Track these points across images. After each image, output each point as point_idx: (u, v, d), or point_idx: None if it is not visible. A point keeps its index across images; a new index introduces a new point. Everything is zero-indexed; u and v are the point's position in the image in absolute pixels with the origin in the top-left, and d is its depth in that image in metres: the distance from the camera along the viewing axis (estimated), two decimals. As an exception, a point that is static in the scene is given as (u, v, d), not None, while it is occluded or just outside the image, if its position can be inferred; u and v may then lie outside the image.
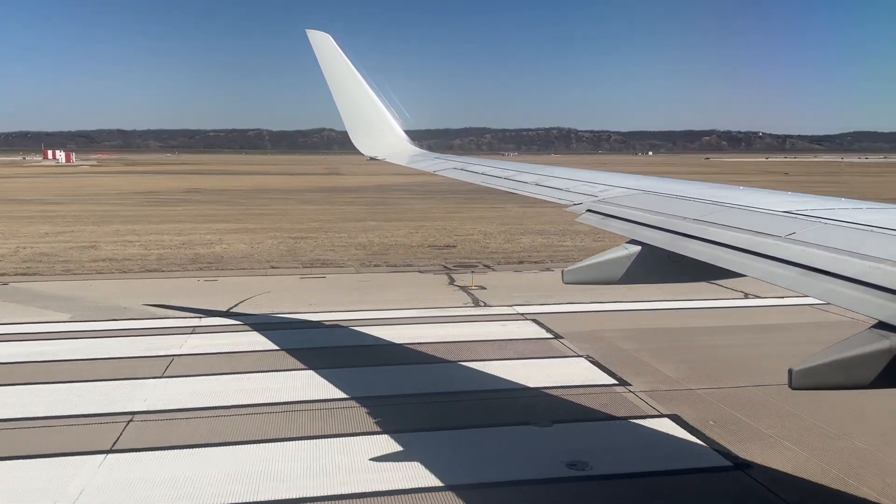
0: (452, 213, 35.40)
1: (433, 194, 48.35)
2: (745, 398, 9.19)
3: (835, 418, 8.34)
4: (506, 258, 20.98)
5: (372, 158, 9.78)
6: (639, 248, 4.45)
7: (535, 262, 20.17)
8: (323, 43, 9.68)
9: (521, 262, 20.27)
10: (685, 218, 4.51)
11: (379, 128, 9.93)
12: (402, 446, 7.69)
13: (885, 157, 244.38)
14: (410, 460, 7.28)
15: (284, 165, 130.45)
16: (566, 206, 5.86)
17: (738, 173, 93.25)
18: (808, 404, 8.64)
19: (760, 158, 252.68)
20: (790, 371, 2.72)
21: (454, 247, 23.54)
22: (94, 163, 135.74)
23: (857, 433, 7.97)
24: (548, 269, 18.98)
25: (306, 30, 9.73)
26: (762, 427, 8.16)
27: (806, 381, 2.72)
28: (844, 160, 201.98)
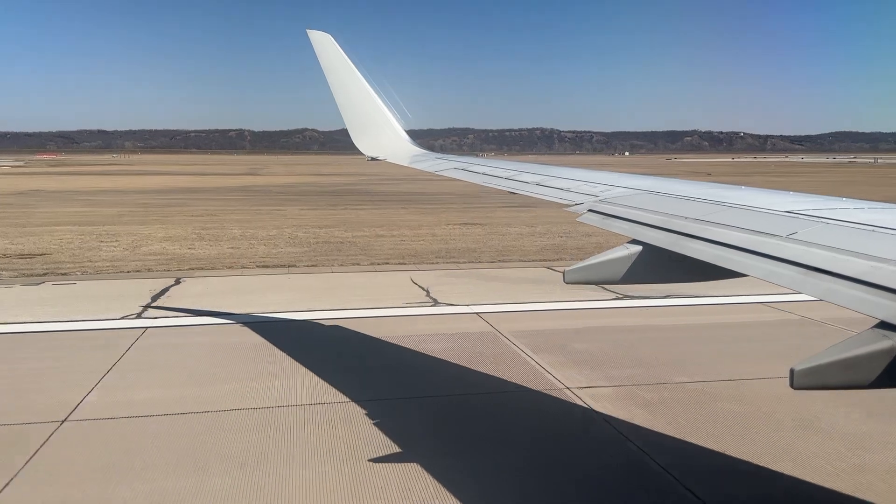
0: (212, 215, 34.33)
1: (270, 196, 47.88)
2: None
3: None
4: (56, 268, 18.60)
5: (373, 159, 9.78)
6: (640, 247, 4.44)
7: (63, 275, 17.74)
8: (324, 43, 9.68)
9: (45, 274, 17.75)
10: (686, 218, 4.50)
11: (380, 128, 9.93)
12: None
13: (854, 157, 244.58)
14: None
15: (213, 166, 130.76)
16: (567, 206, 5.86)
17: (669, 174, 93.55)
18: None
19: (727, 159, 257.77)
20: (791, 370, 2.72)
21: (44, 255, 20.87)
22: (22, 164, 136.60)
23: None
24: (65, 283, 16.59)
25: (307, 30, 9.73)
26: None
27: (807, 380, 2.71)
28: (803, 159, 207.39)
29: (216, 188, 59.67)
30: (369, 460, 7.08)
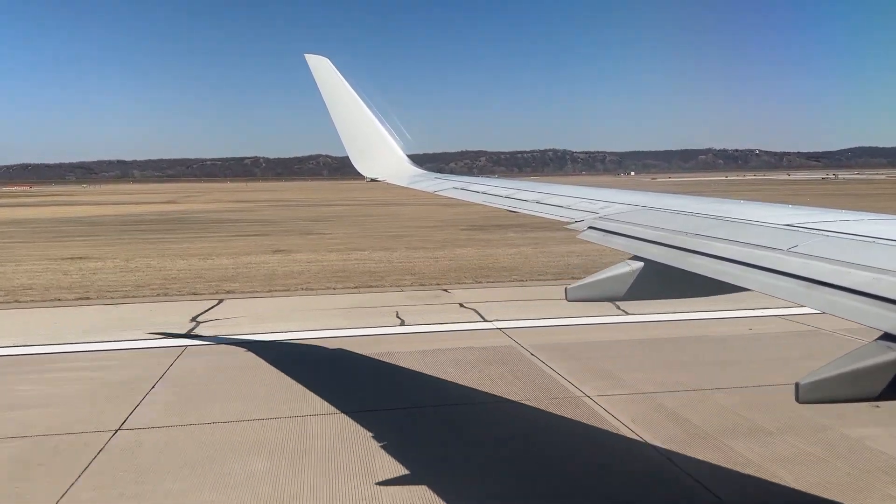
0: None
1: (91, 228, 47.13)
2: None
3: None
4: None
5: (372, 180, 9.84)
6: (641, 263, 4.43)
7: None
8: (321, 67, 9.77)
9: None
10: (686, 233, 4.50)
11: (379, 150, 9.99)
12: None
13: (856, 174, 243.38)
14: None
15: (164, 194, 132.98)
16: (567, 223, 5.85)
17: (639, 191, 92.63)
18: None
19: (721, 177, 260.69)
20: (797, 385, 2.70)
21: None
22: None
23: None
24: None
25: (305, 55, 9.82)
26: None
27: (813, 394, 2.69)
28: (787, 177, 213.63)
29: (58, 219, 58.77)
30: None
